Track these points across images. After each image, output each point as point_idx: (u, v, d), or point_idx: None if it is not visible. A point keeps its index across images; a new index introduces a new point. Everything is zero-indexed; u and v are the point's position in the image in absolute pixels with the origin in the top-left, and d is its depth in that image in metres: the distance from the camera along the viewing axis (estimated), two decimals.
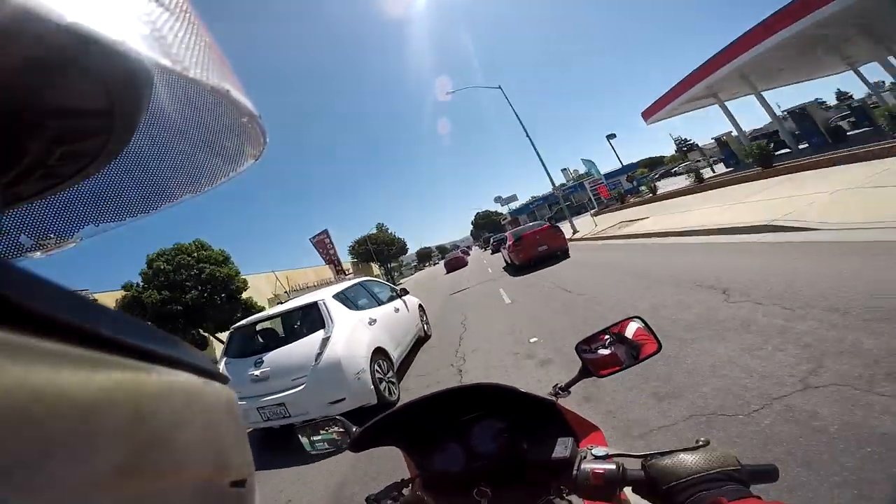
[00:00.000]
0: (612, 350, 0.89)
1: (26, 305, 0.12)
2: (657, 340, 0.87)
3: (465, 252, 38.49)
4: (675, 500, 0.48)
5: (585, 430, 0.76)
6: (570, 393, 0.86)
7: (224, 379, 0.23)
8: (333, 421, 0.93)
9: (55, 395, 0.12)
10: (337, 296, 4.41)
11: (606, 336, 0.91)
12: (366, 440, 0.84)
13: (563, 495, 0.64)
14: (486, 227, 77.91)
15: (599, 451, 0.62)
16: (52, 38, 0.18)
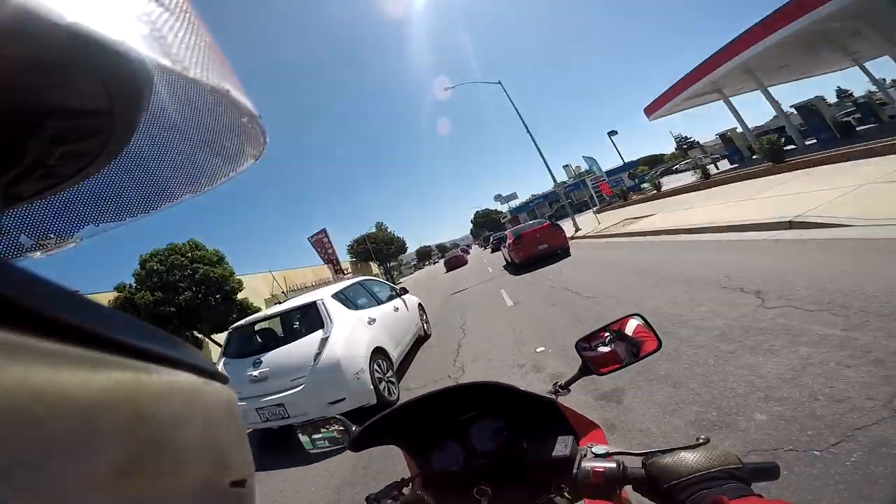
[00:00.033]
0: (612, 347, 0.89)
1: (26, 305, 0.12)
2: (657, 338, 0.86)
3: (464, 251, 38.84)
4: (676, 499, 0.48)
5: (585, 428, 0.76)
6: (569, 391, 0.86)
7: (224, 379, 0.23)
8: (333, 420, 0.94)
9: (55, 395, 0.12)
10: (336, 295, 4.40)
11: (606, 333, 0.91)
12: (365, 439, 0.84)
13: (564, 494, 0.64)
14: (485, 225, 77.86)
15: (600, 450, 0.62)
16: (52, 38, 0.18)
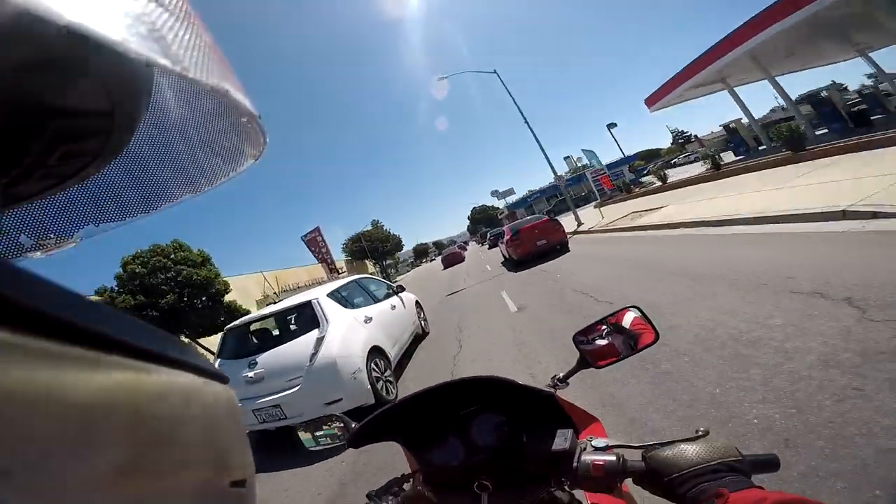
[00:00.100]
0: (609, 340, 0.89)
1: (26, 305, 0.12)
2: (654, 330, 0.86)
3: (462, 248, 39.25)
4: (677, 492, 0.48)
5: (585, 421, 0.75)
6: (568, 384, 0.85)
7: (224, 379, 0.24)
8: (333, 418, 0.94)
9: (55, 395, 0.12)
10: (331, 294, 4.38)
11: (604, 326, 0.91)
12: (364, 436, 0.84)
13: (564, 487, 0.64)
14: (483, 221, 77.45)
15: (599, 443, 0.62)
16: (51, 39, 0.18)
